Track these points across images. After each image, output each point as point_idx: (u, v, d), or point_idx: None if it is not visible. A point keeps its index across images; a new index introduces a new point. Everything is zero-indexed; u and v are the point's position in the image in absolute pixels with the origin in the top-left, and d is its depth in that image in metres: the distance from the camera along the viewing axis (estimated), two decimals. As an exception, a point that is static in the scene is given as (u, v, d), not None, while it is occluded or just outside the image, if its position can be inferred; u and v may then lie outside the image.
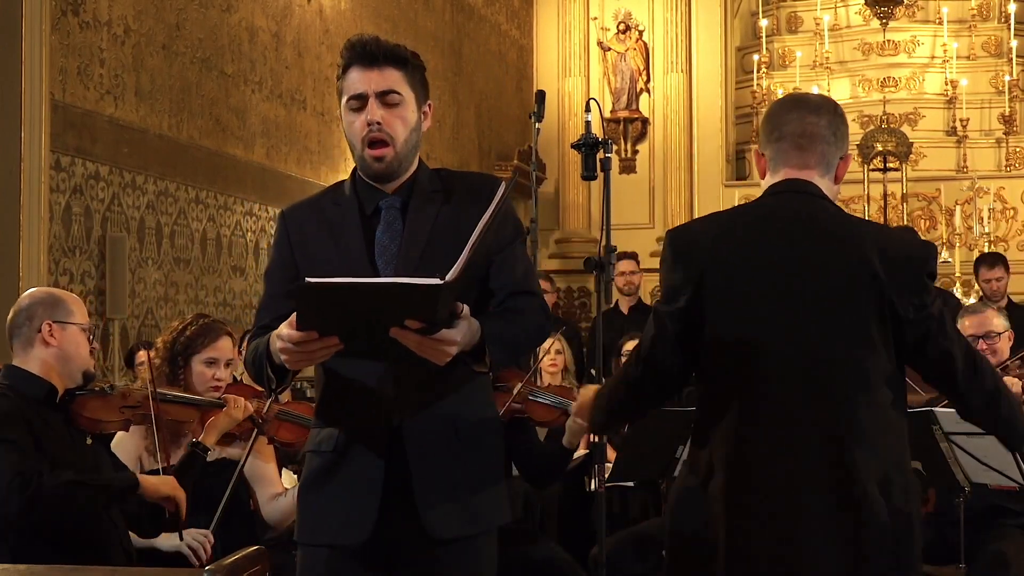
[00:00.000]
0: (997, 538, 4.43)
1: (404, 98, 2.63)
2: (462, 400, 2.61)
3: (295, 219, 2.74)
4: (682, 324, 2.72)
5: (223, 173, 7.30)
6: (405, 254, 2.61)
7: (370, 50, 2.62)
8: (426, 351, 2.36)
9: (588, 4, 12.70)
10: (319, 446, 2.67)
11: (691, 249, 2.75)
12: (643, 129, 12.61)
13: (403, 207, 2.66)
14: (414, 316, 2.31)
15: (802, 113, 2.76)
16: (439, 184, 2.71)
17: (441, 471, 2.57)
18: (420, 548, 2.58)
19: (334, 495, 2.61)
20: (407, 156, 2.66)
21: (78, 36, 6.01)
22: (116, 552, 3.39)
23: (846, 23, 13.21)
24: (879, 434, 2.61)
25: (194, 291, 6.98)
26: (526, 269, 2.72)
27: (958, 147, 12.36)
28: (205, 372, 3.90)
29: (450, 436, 2.59)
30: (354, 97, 2.63)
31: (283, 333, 2.39)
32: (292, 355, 2.40)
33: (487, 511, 2.65)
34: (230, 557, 2.50)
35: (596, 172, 3.74)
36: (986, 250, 10.24)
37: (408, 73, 2.65)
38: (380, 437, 2.58)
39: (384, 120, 2.61)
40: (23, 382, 3.41)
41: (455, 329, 2.36)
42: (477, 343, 2.45)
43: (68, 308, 3.48)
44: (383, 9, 9.46)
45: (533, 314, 2.64)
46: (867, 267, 2.60)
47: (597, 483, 3.58)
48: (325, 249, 2.66)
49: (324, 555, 2.62)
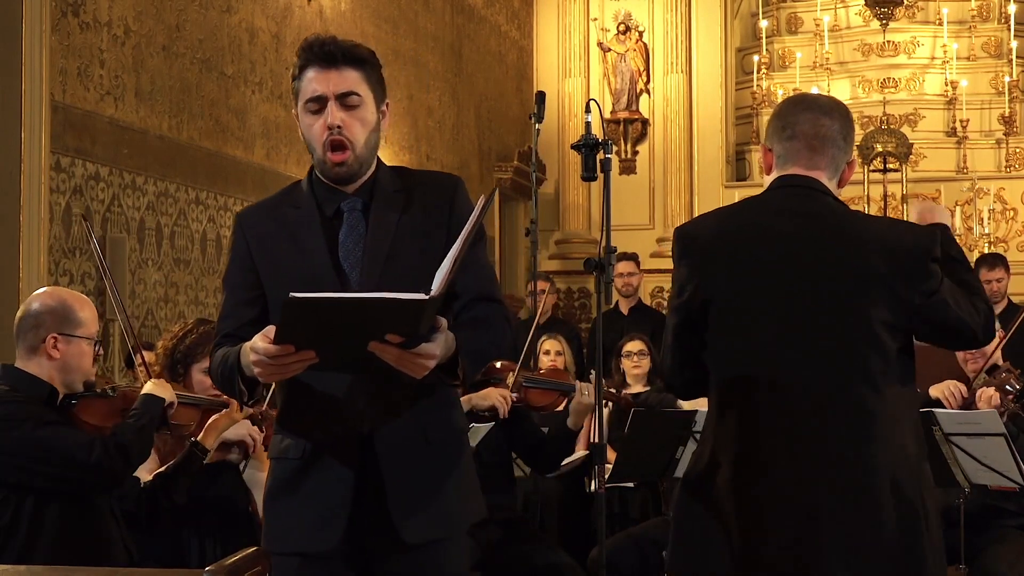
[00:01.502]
0: (997, 539, 4.44)
1: (363, 99, 2.60)
2: (431, 405, 2.59)
3: (252, 223, 2.69)
4: (686, 316, 2.76)
5: (223, 174, 7.30)
6: (371, 257, 2.58)
7: (328, 50, 2.58)
8: (405, 365, 2.35)
9: (588, 5, 12.70)
10: (285, 453, 2.63)
11: (694, 243, 2.79)
12: (643, 130, 12.61)
13: (364, 208, 2.63)
14: (396, 330, 2.30)
15: (816, 115, 2.79)
16: (399, 184, 2.68)
17: (413, 476, 2.56)
18: (393, 553, 2.56)
19: (302, 503, 2.58)
20: (367, 158, 2.63)
21: (78, 37, 6.01)
22: (117, 551, 3.39)
23: (846, 24, 13.21)
24: (890, 429, 2.62)
25: (194, 292, 6.98)
26: (489, 275, 2.71)
27: (958, 148, 12.36)
28: (204, 380, 3.89)
29: (420, 441, 2.57)
30: (312, 100, 2.60)
31: (258, 347, 2.36)
32: (266, 368, 2.37)
33: (459, 512, 2.64)
34: (230, 558, 2.50)
35: (596, 173, 3.73)
36: (986, 251, 10.24)
37: (367, 73, 2.61)
38: (350, 444, 2.55)
39: (344, 123, 2.58)
40: (24, 384, 3.40)
41: (434, 343, 2.35)
42: (451, 355, 2.44)
43: (77, 319, 3.45)
44: (383, 10, 9.46)
45: (499, 324, 2.64)
46: (871, 264, 2.63)
47: (597, 484, 3.57)
48: (286, 252, 2.61)
49: (295, 563, 2.58)
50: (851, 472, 2.59)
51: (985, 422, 4.02)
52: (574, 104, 12.41)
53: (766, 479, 2.63)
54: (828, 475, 2.60)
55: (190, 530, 3.72)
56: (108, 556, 3.34)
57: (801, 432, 2.62)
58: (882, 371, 2.62)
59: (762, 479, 2.63)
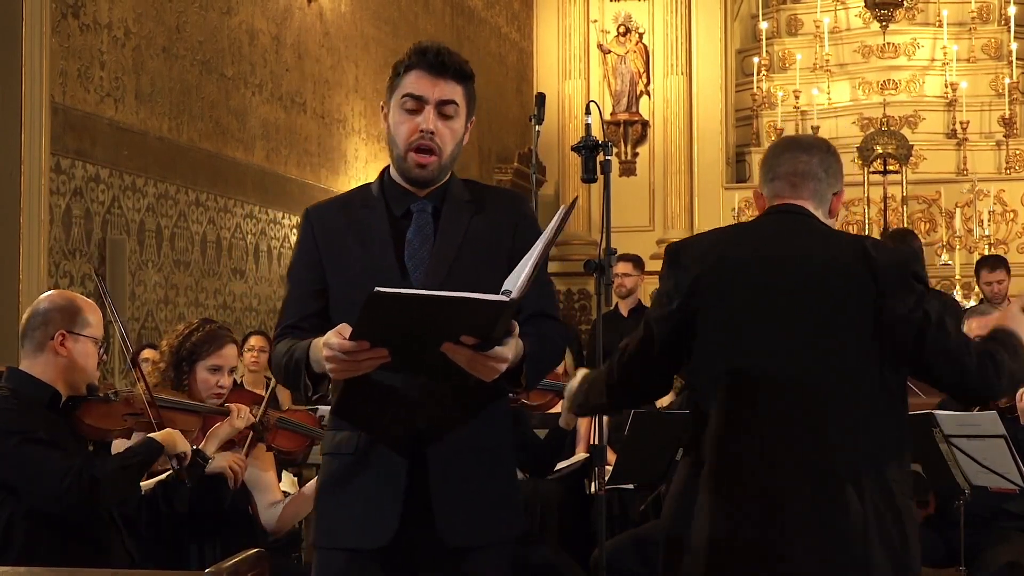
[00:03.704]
0: (997, 540, 4.44)
1: (459, 111, 2.64)
2: (484, 413, 2.61)
3: (320, 218, 2.71)
4: (670, 328, 2.81)
5: (223, 176, 7.30)
6: (437, 259, 2.60)
7: (441, 59, 2.61)
8: (477, 367, 2.36)
9: (588, 7, 12.70)
10: (338, 448, 2.64)
11: (684, 260, 2.86)
12: (643, 132, 12.62)
13: (435, 212, 2.66)
14: (472, 332, 2.31)
15: (794, 153, 2.90)
16: (469, 195, 2.71)
17: (461, 480, 2.57)
18: (437, 555, 2.57)
19: (354, 499, 2.59)
20: (448, 166, 2.67)
21: (78, 39, 6.01)
22: (118, 553, 3.39)
23: (846, 26, 13.21)
24: (861, 437, 2.66)
25: (194, 294, 6.98)
26: (550, 292, 2.76)
27: (958, 150, 12.36)
28: (209, 379, 3.90)
29: (471, 447, 2.58)
30: (412, 97, 2.61)
31: (332, 342, 2.36)
32: (339, 364, 2.38)
33: (503, 522, 2.65)
34: (230, 560, 2.50)
35: (596, 175, 3.73)
36: (986, 252, 10.24)
37: (466, 88, 2.66)
38: (404, 442, 2.56)
39: (437, 130, 2.61)
40: (27, 386, 3.40)
41: (506, 346, 2.36)
42: (518, 362, 2.45)
43: (85, 319, 3.46)
44: (383, 12, 9.46)
45: (559, 340, 2.69)
46: (853, 277, 2.69)
47: (597, 486, 3.58)
48: (352, 249, 2.63)
49: (343, 559, 2.61)
50: (817, 475, 2.64)
51: (985, 424, 4.02)
52: (574, 106, 12.41)
53: (741, 480, 2.70)
54: (795, 476, 2.65)
55: (190, 532, 3.72)
56: (107, 560, 3.33)
57: (774, 436, 2.68)
58: (861, 380, 2.66)
59: (737, 479, 2.70)
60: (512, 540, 2.70)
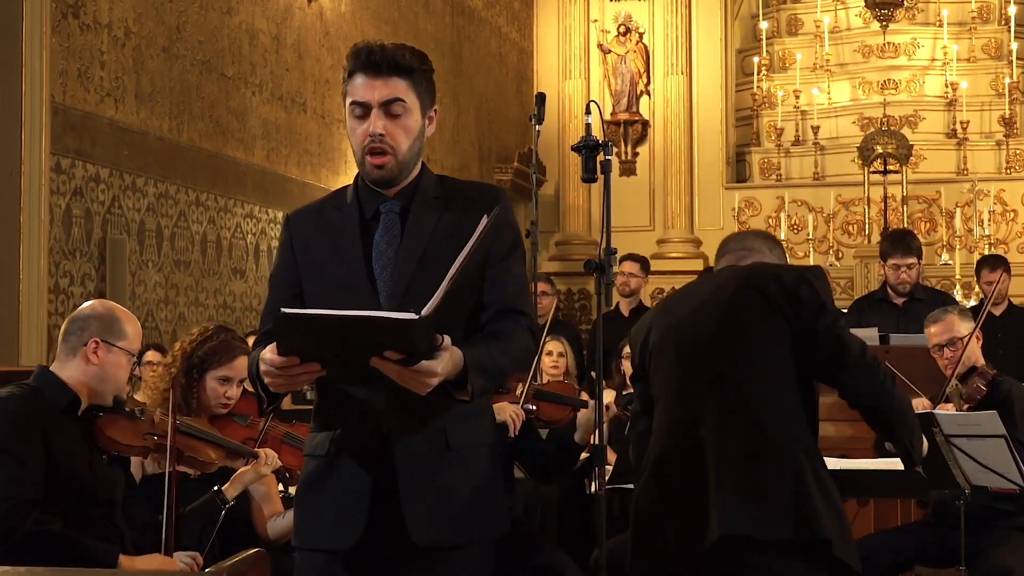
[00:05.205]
0: (997, 540, 4.43)
1: (408, 107, 2.61)
2: (456, 412, 2.58)
3: (298, 224, 2.74)
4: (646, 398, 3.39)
5: (223, 175, 7.30)
6: (403, 259, 2.60)
7: (375, 59, 2.59)
8: (407, 381, 2.37)
9: (588, 6, 12.69)
10: (314, 451, 2.67)
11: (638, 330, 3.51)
12: (643, 131, 12.61)
13: (403, 212, 2.65)
14: (393, 347, 2.31)
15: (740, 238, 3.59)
16: (440, 191, 2.70)
17: (429, 480, 2.56)
18: (409, 556, 2.57)
19: (326, 500, 2.62)
20: (408, 163, 2.65)
21: (78, 38, 6.01)
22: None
23: (846, 25, 13.21)
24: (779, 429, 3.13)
25: (194, 293, 6.98)
26: (519, 286, 2.69)
27: (958, 149, 12.35)
28: (217, 389, 3.92)
29: (440, 447, 2.58)
30: (357, 104, 2.62)
31: (266, 357, 2.41)
32: (274, 379, 2.43)
33: (478, 521, 2.63)
34: (230, 559, 2.50)
35: (596, 174, 3.72)
36: (986, 252, 10.23)
37: (414, 81, 2.62)
38: (370, 444, 2.57)
39: (386, 130, 2.59)
40: (50, 386, 3.40)
41: (436, 360, 2.36)
42: (460, 372, 2.44)
43: (122, 330, 3.46)
44: (383, 11, 9.46)
45: (520, 337, 2.62)
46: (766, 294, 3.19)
47: (598, 485, 3.57)
48: (325, 253, 2.65)
49: (319, 560, 2.62)
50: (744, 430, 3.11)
51: (985, 424, 4.03)
52: (574, 106, 12.40)
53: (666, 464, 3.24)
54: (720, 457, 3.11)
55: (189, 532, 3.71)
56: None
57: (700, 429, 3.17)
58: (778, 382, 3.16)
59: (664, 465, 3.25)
60: (490, 540, 2.68)
